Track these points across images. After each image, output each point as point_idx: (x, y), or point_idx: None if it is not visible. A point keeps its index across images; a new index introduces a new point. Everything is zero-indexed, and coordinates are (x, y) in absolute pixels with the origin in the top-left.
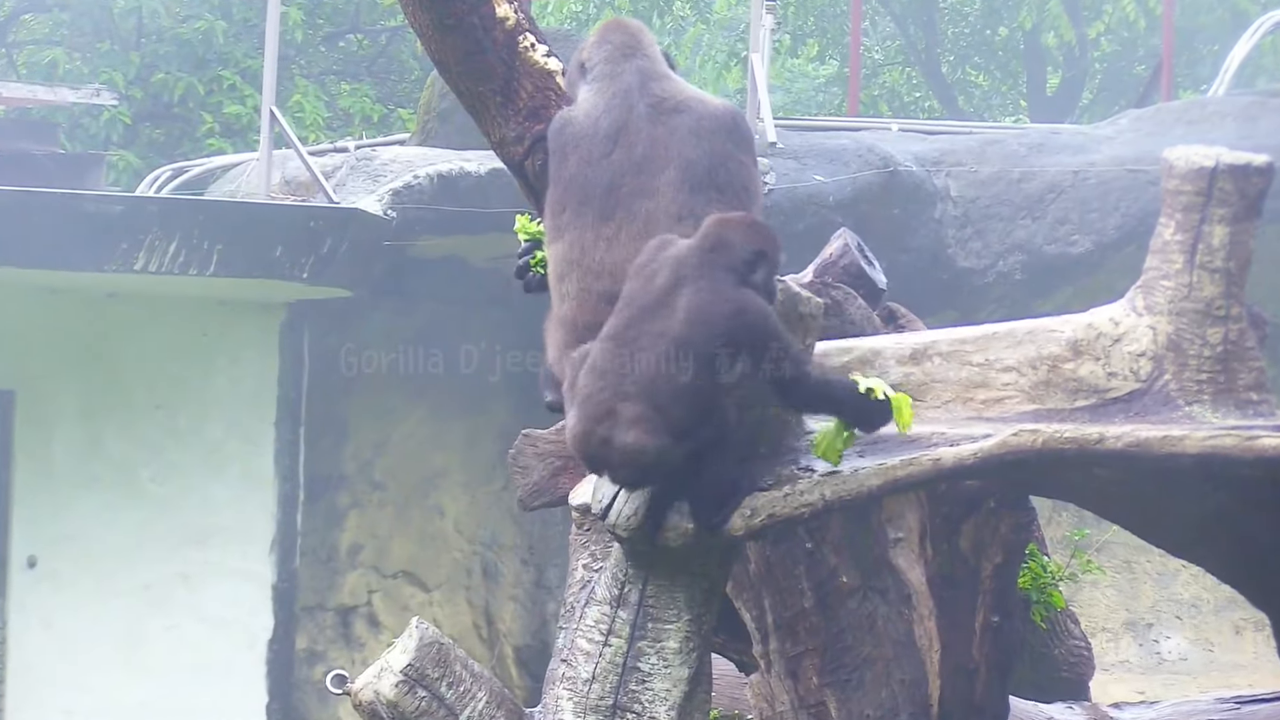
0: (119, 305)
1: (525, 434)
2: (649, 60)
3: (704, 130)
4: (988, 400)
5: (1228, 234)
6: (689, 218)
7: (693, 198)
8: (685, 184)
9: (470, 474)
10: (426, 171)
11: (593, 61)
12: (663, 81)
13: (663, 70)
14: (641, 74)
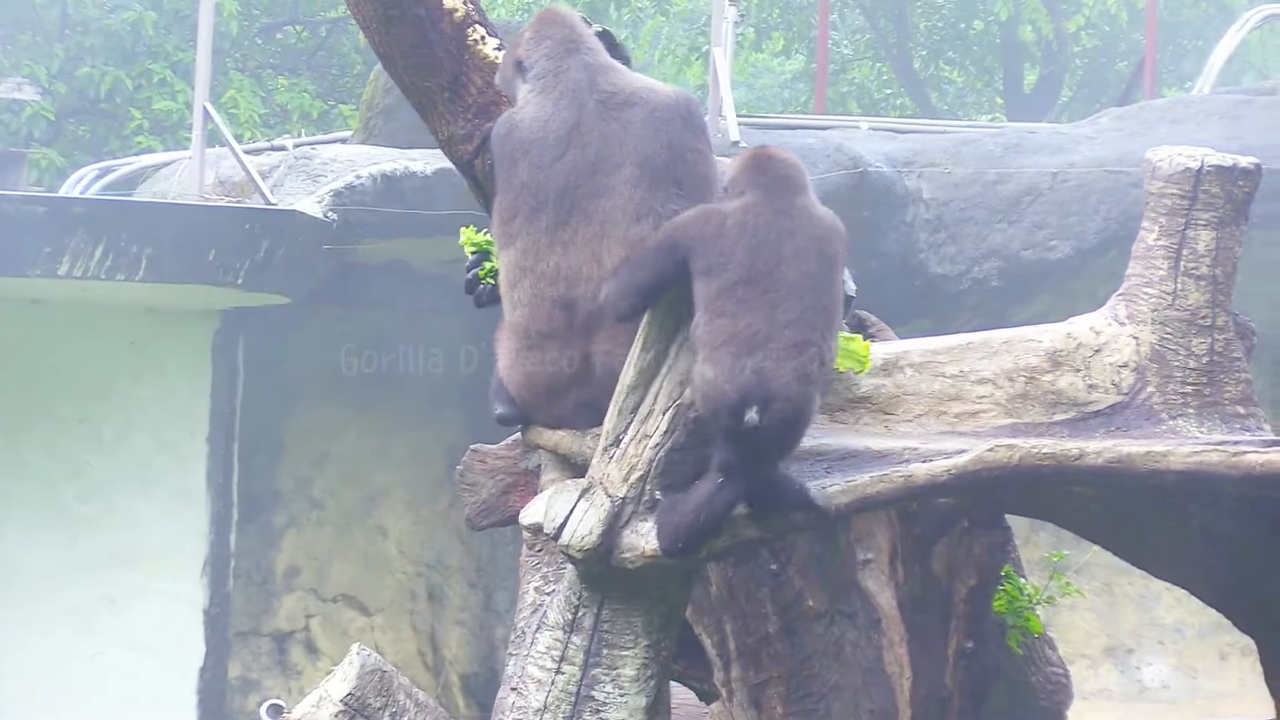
0: (42, 313)
1: (474, 449)
2: (593, 53)
3: (658, 122)
4: (962, 414)
5: (1214, 239)
6: (648, 215)
7: (651, 194)
8: (643, 180)
9: (415, 492)
10: (369, 171)
11: (533, 59)
12: (610, 74)
13: (608, 62)
14: (588, 69)
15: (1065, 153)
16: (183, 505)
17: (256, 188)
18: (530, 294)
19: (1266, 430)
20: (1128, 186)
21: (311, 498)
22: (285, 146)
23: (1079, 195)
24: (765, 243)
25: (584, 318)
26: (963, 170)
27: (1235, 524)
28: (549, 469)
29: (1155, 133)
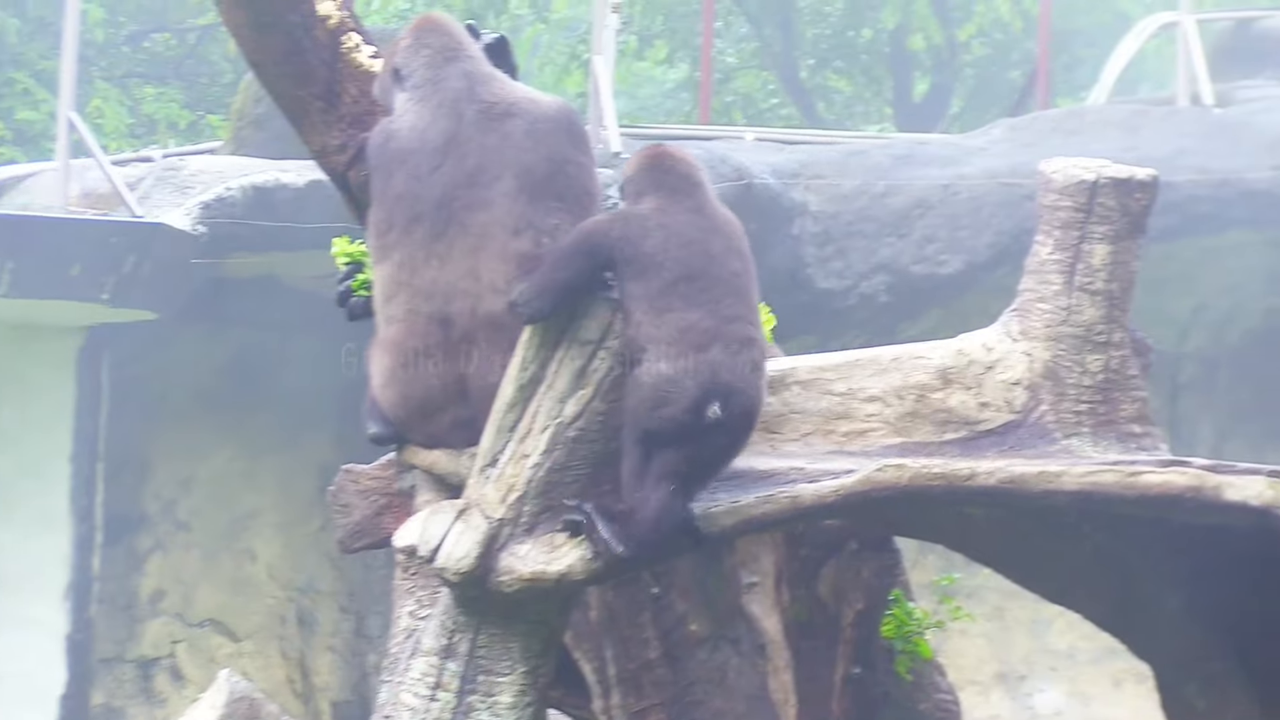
0: None
1: (346, 470)
2: (473, 62)
3: (539, 133)
4: (850, 433)
5: (1109, 253)
6: (527, 230)
7: (531, 208)
8: (523, 194)
9: (285, 514)
10: (239, 183)
11: (411, 67)
12: (490, 84)
13: (488, 71)
14: (468, 78)
15: (956, 165)
16: (44, 528)
17: (123, 200)
18: (405, 309)
19: (1163, 450)
20: (1021, 199)
21: (178, 520)
22: (153, 157)
23: (971, 208)
24: (693, 240)
25: (461, 334)
26: (851, 182)
27: (1131, 546)
28: (424, 490)
29: (1049, 144)
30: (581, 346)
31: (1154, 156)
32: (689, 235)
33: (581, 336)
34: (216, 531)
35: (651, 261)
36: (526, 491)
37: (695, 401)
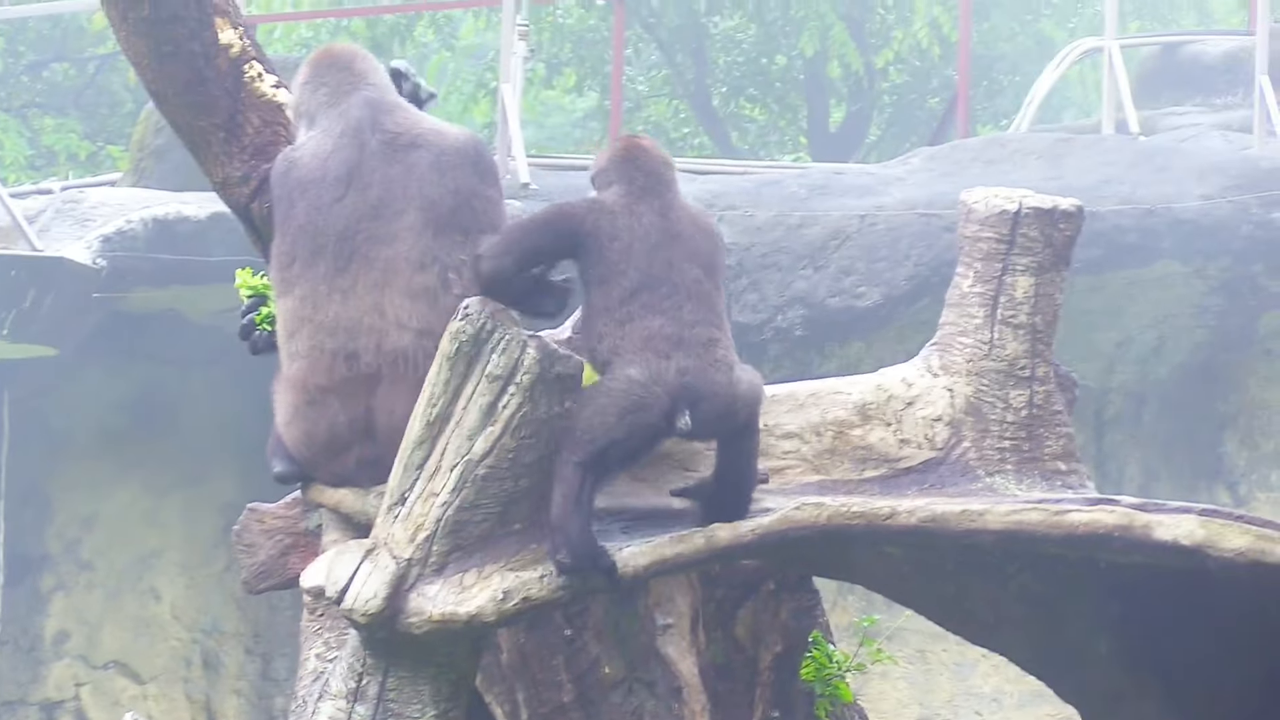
0: None
1: (251, 508)
2: (376, 90)
3: (445, 166)
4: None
5: (1033, 285)
6: (433, 265)
7: (436, 242)
8: (428, 228)
9: (189, 553)
10: (141, 215)
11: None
12: (395, 113)
13: (393, 100)
14: (370, 106)
15: (874, 194)
16: None
17: (22, 233)
18: (309, 345)
19: (1090, 488)
20: (941, 230)
21: (80, 559)
22: (52, 189)
23: (889, 239)
24: (656, 246)
25: (366, 370)
26: (765, 213)
27: (1057, 587)
28: (331, 529)
29: (969, 173)
30: (491, 382)
31: (1078, 186)
32: (653, 240)
33: (491, 372)
34: (120, 571)
35: (615, 269)
36: (435, 531)
37: (666, 410)
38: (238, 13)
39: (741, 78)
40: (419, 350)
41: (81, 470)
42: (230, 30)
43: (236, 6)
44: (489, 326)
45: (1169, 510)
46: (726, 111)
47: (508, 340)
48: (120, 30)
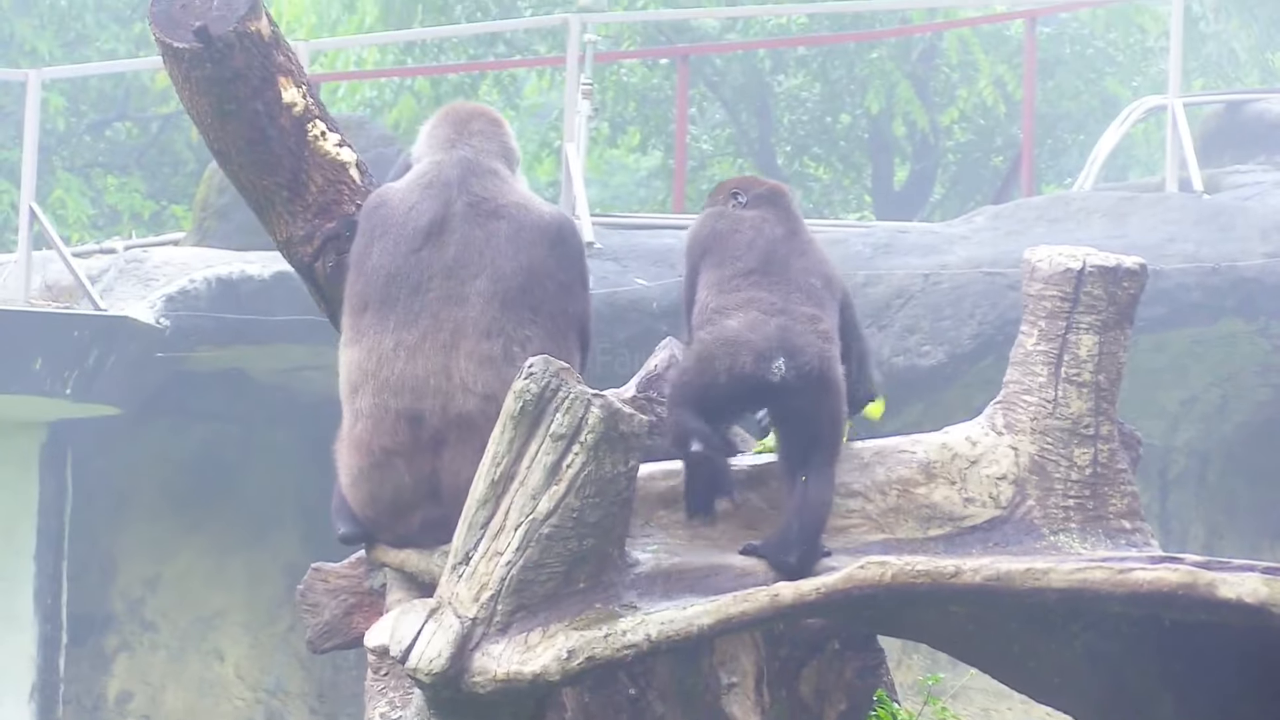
0: None
1: (315, 568)
2: (474, 150)
3: (523, 241)
4: (831, 529)
5: (1097, 344)
6: (499, 335)
7: (504, 314)
8: (496, 297)
9: (253, 613)
10: (204, 275)
11: (423, 149)
12: (486, 179)
13: (490, 165)
14: (464, 166)
15: (938, 253)
16: (8, 628)
17: (85, 292)
18: (372, 403)
19: (1154, 546)
20: (1005, 289)
21: (144, 620)
22: (115, 249)
23: (953, 298)
24: (777, 252)
25: (431, 433)
26: None
27: (1121, 645)
28: (395, 588)
29: (1033, 232)
30: (555, 441)
31: (1142, 244)
32: (776, 247)
33: (555, 431)
34: (183, 631)
35: (731, 254)
36: (500, 590)
37: (760, 353)
38: (301, 71)
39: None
40: (484, 415)
41: (145, 530)
42: (294, 88)
43: (300, 65)
44: (553, 385)
45: (1233, 568)
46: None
47: (572, 399)
48: (183, 89)
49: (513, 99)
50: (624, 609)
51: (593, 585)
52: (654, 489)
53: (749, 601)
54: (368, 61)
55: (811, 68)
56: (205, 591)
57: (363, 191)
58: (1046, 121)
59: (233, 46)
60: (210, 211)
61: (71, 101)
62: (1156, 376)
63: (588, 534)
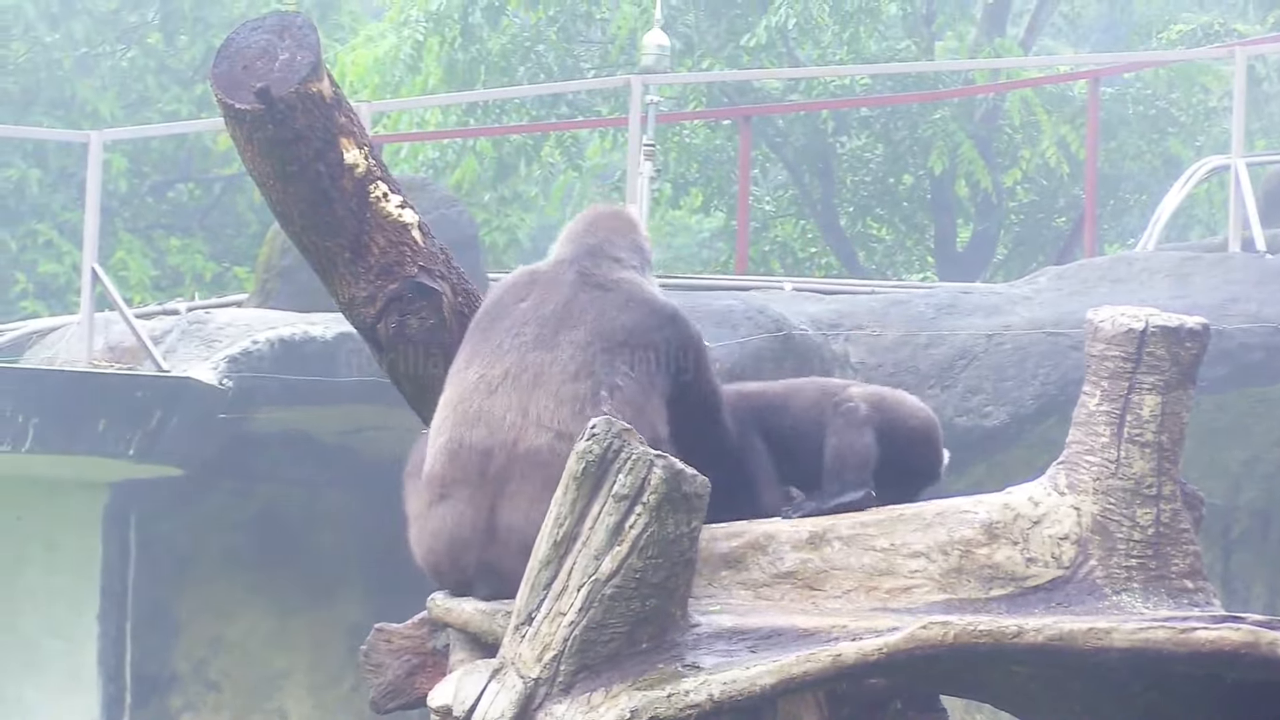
0: None
1: (379, 628)
2: (599, 240)
3: (631, 310)
4: (893, 589)
5: (1159, 404)
6: (588, 377)
7: (600, 358)
8: (594, 343)
9: (317, 674)
10: (266, 336)
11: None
12: (605, 262)
13: (612, 254)
14: (584, 249)
15: (1001, 314)
16: (73, 689)
17: (148, 353)
18: (449, 438)
19: (1216, 605)
20: (1067, 349)
21: (208, 680)
22: (178, 310)
23: (1015, 358)
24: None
25: (498, 468)
26: (892, 333)
27: (1183, 705)
28: (458, 648)
29: (1096, 292)
30: (617, 502)
31: (1205, 304)
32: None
33: (618, 492)
34: (247, 692)
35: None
36: (563, 650)
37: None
38: (363, 132)
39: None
40: (553, 452)
41: (208, 591)
42: (355, 150)
43: (362, 126)
44: (615, 446)
45: None
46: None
47: (634, 459)
48: (245, 150)
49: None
50: (687, 669)
51: (656, 645)
52: (716, 550)
53: (811, 661)
54: (430, 122)
55: (874, 128)
56: (269, 652)
57: (425, 253)
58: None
59: (295, 108)
60: (273, 272)
61: (133, 163)
62: (1219, 436)
63: (651, 594)
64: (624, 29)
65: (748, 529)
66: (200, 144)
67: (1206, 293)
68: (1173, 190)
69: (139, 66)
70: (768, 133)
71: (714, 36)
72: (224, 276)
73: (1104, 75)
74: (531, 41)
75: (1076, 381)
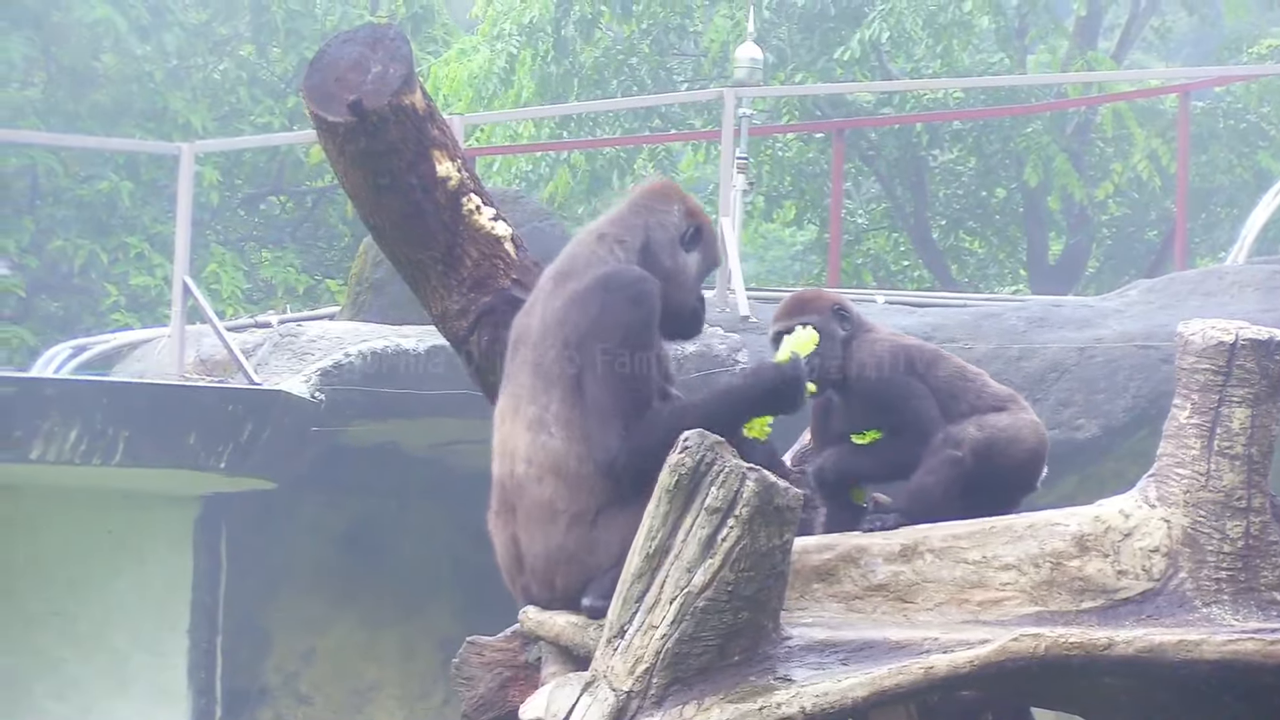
0: (12, 498)
1: (470, 641)
2: (598, 223)
3: (575, 300)
4: (985, 601)
5: (1249, 416)
6: (533, 403)
7: (535, 380)
8: (530, 363)
9: (407, 687)
10: (358, 349)
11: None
12: (585, 245)
13: (606, 230)
14: (579, 238)
15: (1092, 327)
16: (163, 703)
17: (239, 366)
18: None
19: None
20: (1158, 362)
21: (299, 693)
22: (270, 323)
23: (1107, 371)
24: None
25: (508, 496)
26: (984, 345)
27: (1272, 717)
28: (550, 661)
29: (1187, 305)
30: (710, 515)
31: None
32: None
33: (710, 505)
34: (338, 705)
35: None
36: (655, 663)
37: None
38: (456, 145)
39: (961, 210)
40: (530, 479)
41: (299, 604)
42: (448, 162)
43: (455, 139)
44: (708, 459)
45: None
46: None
47: (727, 473)
48: (337, 163)
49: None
50: (779, 682)
51: (747, 658)
52: (809, 562)
53: (903, 674)
54: (523, 135)
55: (967, 141)
56: (360, 665)
57: (518, 266)
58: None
59: (387, 120)
60: (365, 285)
61: (225, 175)
62: None
63: (743, 607)
64: (717, 42)
65: (840, 541)
66: (292, 156)
67: None
68: (1263, 203)
69: (231, 78)
70: (860, 146)
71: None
72: (316, 289)
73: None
74: (625, 54)
75: (1167, 394)
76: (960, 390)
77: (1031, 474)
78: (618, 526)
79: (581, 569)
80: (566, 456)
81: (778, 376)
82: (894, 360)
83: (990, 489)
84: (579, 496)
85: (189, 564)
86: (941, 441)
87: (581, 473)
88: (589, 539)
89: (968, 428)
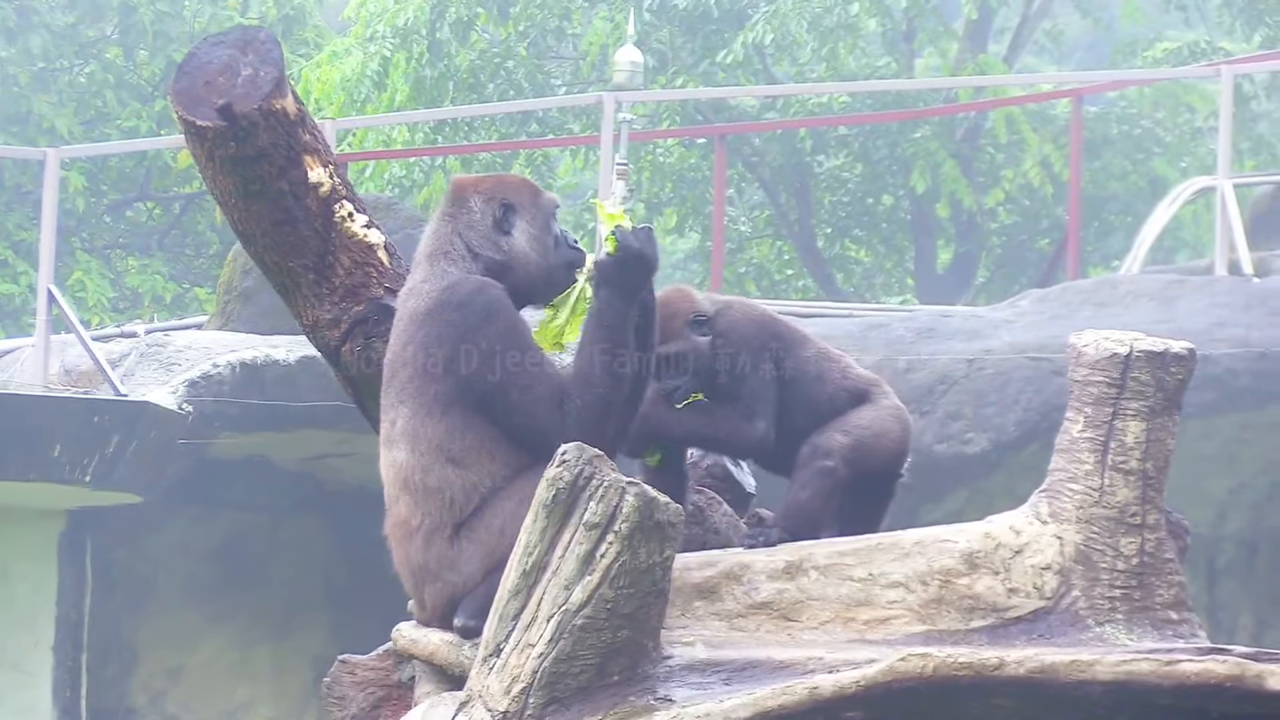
0: None
1: (342, 660)
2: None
3: (417, 319)
4: (871, 620)
5: (1144, 430)
6: (384, 420)
7: (387, 395)
8: (390, 381)
9: (279, 707)
10: (227, 359)
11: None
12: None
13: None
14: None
15: (982, 337)
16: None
17: (105, 377)
18: None
19: (1201, 637)
20: (1050, 374)
21: (167, 713)
22: (136, 332)
23: (997, 384)
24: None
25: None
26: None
27: None
28: (424, 681)
29: (1079, 315)
30: (588, 530)
31: (1191, 328)
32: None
33: (589, 520)
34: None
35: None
36: (532, 683)
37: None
38: (328, 150)
39: (847, 218)
40: (391, 501)
41: (167, 621)
42: (320, 168)
43: (327, 144)
44: (586, 473)
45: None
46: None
47: (606, 487)
48: (206, 169)
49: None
50: (659, 702)
51: (627, 678)
52: (690, 579)
53: (787, 694)
54: (397, 140)
55: (853, 147)
56: (230, 683)
57: (391, 274)
58: (1093, 203)
59: (257, 125)
60: (234, 294)
61: (91, 181)
62: (1205, 464)
63: (622, 625)
64: (596, 45)
65: (722, 558)
66: (160, 162)
67: (1192, 316)
68: (1158, 211)
69: (97, 82)
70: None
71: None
72: (184, 298)
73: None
74: (501, 57)
75: (1059, 407)
76: (825, 371)
77: (901, 460)
78: (479, 542)
79: (447, 587)
80: (412, 469)
81: (616, 261)
82: (759, 330)
83: (865, 486)
84: (431, 509)
85: (54, 580)
86: (810, 453)
87: (428, 484)
88: (449, 555)
89: (834, 435)
